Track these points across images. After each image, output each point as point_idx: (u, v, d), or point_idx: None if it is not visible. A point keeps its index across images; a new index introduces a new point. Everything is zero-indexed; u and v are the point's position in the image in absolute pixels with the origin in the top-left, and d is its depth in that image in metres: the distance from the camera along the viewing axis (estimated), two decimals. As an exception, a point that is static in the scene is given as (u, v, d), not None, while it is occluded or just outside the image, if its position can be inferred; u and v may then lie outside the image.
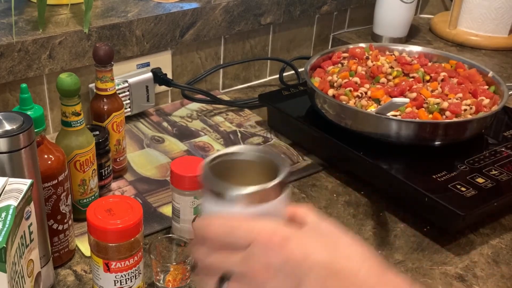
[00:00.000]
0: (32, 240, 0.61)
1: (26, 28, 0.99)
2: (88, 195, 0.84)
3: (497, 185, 0.87)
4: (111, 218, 0.66)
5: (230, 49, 1.26)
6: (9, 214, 0.55)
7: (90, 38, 1.02)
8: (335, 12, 1.40)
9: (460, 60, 1.10)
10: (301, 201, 0.92)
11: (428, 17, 1.59)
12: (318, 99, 1.00)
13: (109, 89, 0.88)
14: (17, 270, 0.57)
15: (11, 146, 0.63)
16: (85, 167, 0.82)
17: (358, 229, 0.87)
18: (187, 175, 0.77)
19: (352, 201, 0.93)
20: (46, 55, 0.98)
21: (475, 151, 0.95)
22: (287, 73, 1.34)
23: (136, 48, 1.08)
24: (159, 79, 1.13)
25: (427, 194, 0.84)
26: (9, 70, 0.95)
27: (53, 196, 0.74)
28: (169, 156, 1.02)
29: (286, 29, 1.33)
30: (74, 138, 0.80)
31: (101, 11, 1.08)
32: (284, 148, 1.06)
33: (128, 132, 1.07)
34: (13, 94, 0.99)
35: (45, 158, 0.73)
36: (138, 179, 0.96)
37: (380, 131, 0.93)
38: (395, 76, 1.04)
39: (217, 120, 1.15)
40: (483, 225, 0.88)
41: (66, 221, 0.77)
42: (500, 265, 0.81)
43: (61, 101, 0.77)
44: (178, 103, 1.20)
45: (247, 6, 1.20)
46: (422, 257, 0.82)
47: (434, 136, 0.93)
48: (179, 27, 1.12)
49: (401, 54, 1.13)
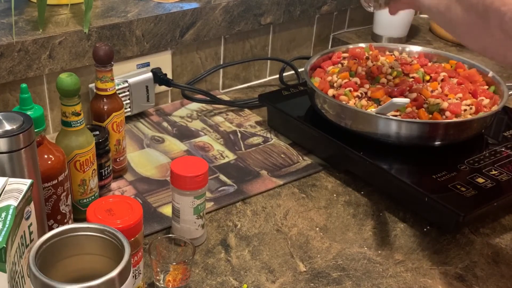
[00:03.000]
0: (32, 240, 0.61)
1: (26, 28, 0.99)
2: (88, 195, 0.84)
3: (497, 185, 0.87)
4: (111, 218, 0.65)
5: (230, 49, 1.26)
6: (9, 214, 0.55)
7: (90, 38, 1.02)
8: (335, 12, 1.40)
9: (460, 60, 1.10)
10: (301, 201, 0.92)
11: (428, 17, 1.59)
12: (318, 99, 1.00)
13: (109, 89, 0.89)
14: (17, 270, 0.57)
15: (11, 146, 0.63)
16: (85, 167, 0.82)
17: (358, 229, 0.87)
18: (187, 175, 0.77)
19: (352, 201, 0.93)
20: (46, 55, 0.98)
21: (475, 151, 0.95)
22: (287, 73, 1.34)
23: (136, 48, 1.08)
24: (159, 79, 1.13)
25: (427, 194, 0.84)
26: (9, 70, 0.95)
27: (53, 196, 0.75)
28: (169, 156, 1.02)
29: (286, 29, 1.33)
30: (74, 138, 0.80)
31: (101, 11, 1.08)
32: (284, 148, 1.06)
33: (128, 132, 1.08)
34: (13, 94, 0.99)
35: (45, 158, 0.73)
36: (138, 179, 0.96)
37: (380, 131, 0.93)
38: (395, 76, 1.04)
39: (217, 120, 1.15)
40: (483, 225, 0.88)
41: (66, 221, 0.77)
42: (500, 265, 0.81)
43: (61, 101, 0.77)
44: (178, 103, 1.20)
45: (247, 6, 1.20)
46: (422, 257, 0.82)
47: (434, 136, 0.93)
48: (179, 27, 1.12)
49: (401, 54, 1.13)
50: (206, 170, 0.78)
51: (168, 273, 0.72)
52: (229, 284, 0.76)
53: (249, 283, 0.76)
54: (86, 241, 0.55)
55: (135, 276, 0.69)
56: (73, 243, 0.55)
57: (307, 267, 0.79)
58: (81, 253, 0.55)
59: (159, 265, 0.72)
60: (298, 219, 0.88)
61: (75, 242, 0.55)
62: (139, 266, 0.69)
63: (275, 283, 0.76)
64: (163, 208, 0.89)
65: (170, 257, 0.75)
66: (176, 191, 0.79)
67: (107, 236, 0.54)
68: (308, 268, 0.79)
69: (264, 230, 0.86)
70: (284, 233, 0.85)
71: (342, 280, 0.77)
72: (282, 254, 0.81)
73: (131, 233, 0.66)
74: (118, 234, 0.53)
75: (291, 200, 0.92)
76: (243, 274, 0.77)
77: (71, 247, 0.55)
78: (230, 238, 0.84)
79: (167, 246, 0.75)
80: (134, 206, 0.67)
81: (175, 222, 0.81)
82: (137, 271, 0.69)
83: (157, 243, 0.74)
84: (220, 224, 0.87)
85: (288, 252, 0.82)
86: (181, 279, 0.72)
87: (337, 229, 0.87)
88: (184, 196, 0.78)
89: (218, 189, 0.94)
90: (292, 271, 0.78)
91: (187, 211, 0.79)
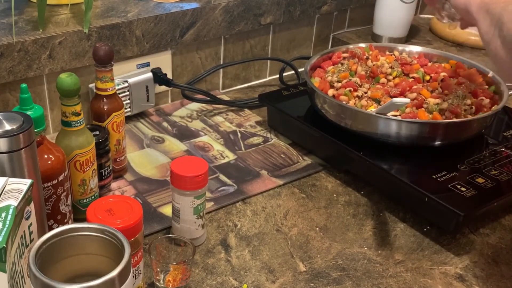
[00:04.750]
0: (32, 240, 0.61)
1: (26, 28, 0.99)
2: (88, 195, 0.84)
3: (497, 185, 0.87)
4: (111, 218, 0.65)
5: (230, 49, 1.26)
6: (9, 214, 0.55)
7: (90, 38, 1.02)
8: (335, 12, 1.40)
9: (460, 60, 1.10)
10: (301, 201, 0.92)
11: (428, 17, 1.59)
12: (318, 99, 1.00)
13: (109, 89, 0.89)
14: (17, 270, 0.57)
15: (11, 146, 0.63)
16: (85, 167, 0.82)
17: (358, 229, 0.87)
18: (187, 175, 0.77)
19: (352, 201, 0.93)
20: (46, 55, 0.98)
21: (475, 151, 0.95)
22: (287, 73, 1.34)
23: (136, 48, 1.08)
24: (159, 79, 1.13)
25: (427, 194, 0.84)
26: (9, 70, 0.95)
27: (53, 196, 0.75)
28: (169, 156, 1.02)
29: (286, 29, 1.33)
30: (74, 138, 0.80)
31: (101, 11, 1.08)
32: (284, 148, 1.06)
33: (128, 132, 1.08)
34: (13, 94, 0.99)
35: (45, 158, 0.73)
36: (138, 179, 0.96)
37: (380, 131, 0.93)
38: (395, 76, 1.04)
39: (217, 120, 1.15)
40: (483, 225, 0.88)
41: (66, 221, 0.77)
42: (500, 265, 0.81)
43: (61, 101, 0.77)
44: (178, 103, 1.20)
45: (247, 6, 1.20)
46: (422, 257, 0.82)
47: (434, 136, 0.93)
48: (179, 27, 1.12)
49: (401, 54, 1.13)
50: (206, 170, 0.78)
51: (168, 273, 0.72)
52: (229, 284, 0.76)
53: (249, 283, 0.76)
54: (86, 241, 0.55)
55: (135, 276, 0.69)
56: (73, 243, 0.55)
57: (307, 267, 0.79)
58: (81, 253, 0.55)
59: (159, 265, 0.72)
60: (298, 219, 0.88)
61: (75, 242, 0.55)
62: (139, 266, 0.69)
63: (275, 283, 0.76)
64: (163, 208, 0.89)
65: (170, 257, 0.75)
66: (176, 191, 0.79)
67: (107, 236, 0.54)
68: (308, 268, 0.79)
69: (264, 230, 0.86)
70: (284, 233, 0.85)
71: (342, 280, 0.77)
72: (282, 254, 0.81)
73: (131, 233, 0.66)
74: (118, 234, 0.53)
75: (291, 200, 0.92)
76: (243, 274, 0.77)
77: (71, 247, 0.55)
78: (230, 238, 0.84)
79: (167, 246, 0.75)
80: (134, 206, 0.67)
81: (175, 222, 0.81)
82: (137, 271, 0.69)
83: (157, 243, 0.74)
84: (220, 224, 0.87)
85: (288, 252, 0.82)
86: (181, 279, 0.72)
87: (337, 229, 0.87)
88: (184, 196, 0.78)
89: (218, 189, 0.94)
90: (292, 271, 0.78)
91: (187, 211, 0.79)
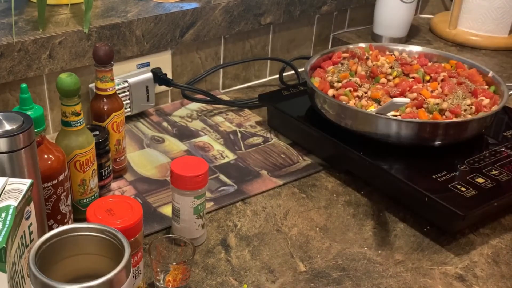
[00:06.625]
0: (32, 240, 0.61)
1: (26, 28, 0.99)
2: (88, 195, 0.84)
3: (497, 185, 0.87)
4: (111, 218, 0.65)
5: (230, 49, 1.26)
6: (9, 214, 0.55)
7: (90, 38, 1.02)
8: (335, 12, 1.40)
9: (460, 60, 1.10)
10: (301, 201, 0.92)
11: (428, 17, 1.59)
12: (318, 99, 1.00)
13: (109, 89, 0.89)
14: (17, 270, 0.57)
15: (11, 146, 0.63)
16: (85, 167, 0.82)
17: (358, 229, 0.87)
18: (187, 175, 0.77)
19: (352, 201, 0.93)
20: (46, 55, 0.98)
21: (475, 151, 0.95)
22: (287, 73, 1.34)
23: (136, 48, 1.08)
24: (159, 79, 1.13)
25: (427, 194, 0.84)
26: (9, 70, 0.95)
27: (53, 196, 0.75)
28: (169, 156, 1.02)
29: (286, 29, 1.33)
30: (74, 138, 0.80)
31: (101, 11, 1.08)
32: (284, 148, 1.06)
33: (128, 132, 1.08)
34: (13, 94, 0.99)
35: (45, 158, 0.73)
36: (138, 179, 0.96)
37: (380, 131, 0.93)
38: (395, 76, 1.04)
39: (217, 120, 1.15)
40: (483, 225, 0.88)
41: (66, 221, 0.77)
42: (500, 265, 0.81)
43: (61, 101, 0.77)
44: (178, 103, 1.20)
45: (247, 6, 1.20)
46: (422, 257, 0.82)
47: (434, 136, 0.93)
48: (179, 27, 1.12)
49: (401, 54, 1.13)
50: (206, 170, 0.78)
51: (168, 273, 0.72)
52: (229, 284, 0.76)
53: (249, 283, 0.76)
54: (86, 241, 0.55)
55: (135, 276, 0.69)
56: (73, 243, 0.55)
57: (307, 267, 0.79)
58: (81, 253, 0.55)
59: (159, 265, 0.72)
60: (298, 219, 0.88)
61: (75, 242, 0.55)
62: (139, 266, 0.69)
63: (275, 283, 0.76)
64: (163, 208, 0.89)
65: (170, 257, 0.75)
66: (176, 191, 0.79)
67: (107, 236, 0.54)
68: (308, 268, 0.79)
69: (264, 230, 0.86)
70: (284, 233, 0.85)
71: (342, 280, 0.77)
72: (282, 254, 0.81)
73: (131, 233, 0.66)
74: (118, 234, 0.53)
75: (291, 200, 0.92)
76: (243, 274, 0.77)
77: (71, 247, 0.55)
78: (230, 238, 0.84)
79: (167, 246, 0.75)
80: (134, 206, 0.67)
81: (175, 222, 0.81)
82: (137, 271, 0.69)
83: (157, 243, 0.74)
84: (220, 224, 0.87)
85: (288, 252, 0.82)
86: (181, 279, 0.72)
87: (337, 229, 0.87)
88: (184, 196, 0.78)
89: (218, 189, 0.94)
90: (292, 271, 0.78)
91: (187, 211, 0.79)
